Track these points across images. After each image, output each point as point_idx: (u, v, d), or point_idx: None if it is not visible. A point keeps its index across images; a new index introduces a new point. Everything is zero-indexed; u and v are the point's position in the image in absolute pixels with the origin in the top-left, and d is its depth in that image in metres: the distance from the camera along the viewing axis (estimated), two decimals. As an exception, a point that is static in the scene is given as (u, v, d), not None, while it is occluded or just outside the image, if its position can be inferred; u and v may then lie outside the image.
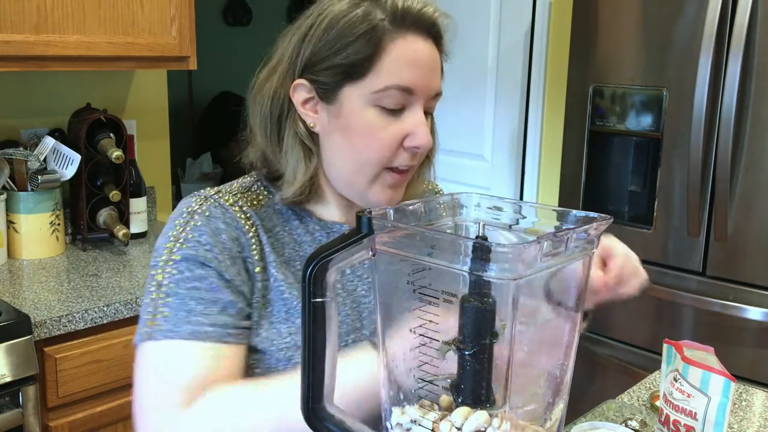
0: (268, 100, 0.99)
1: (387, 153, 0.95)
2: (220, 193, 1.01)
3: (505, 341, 0.65)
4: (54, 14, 1.84)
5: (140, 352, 0.94)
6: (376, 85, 0.93)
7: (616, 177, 2.30)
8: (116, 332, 1.74)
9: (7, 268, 1.96)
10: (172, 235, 0.96)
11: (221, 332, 0.92)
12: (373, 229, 0.70)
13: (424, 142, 0.95)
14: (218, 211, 0.97)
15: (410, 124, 0.95)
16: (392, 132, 0.94)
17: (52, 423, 1.67)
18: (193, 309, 0.91)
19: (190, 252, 0.93)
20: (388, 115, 0.94)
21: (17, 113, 2.16)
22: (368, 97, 0.93)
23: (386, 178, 0.97)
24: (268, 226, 1.00)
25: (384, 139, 0.94)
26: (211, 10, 5.00)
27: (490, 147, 2.96)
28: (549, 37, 2.73)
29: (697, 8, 2.01)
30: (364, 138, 0.95)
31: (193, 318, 0.91)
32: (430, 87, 0.96)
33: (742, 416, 1.27)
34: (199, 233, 0.95)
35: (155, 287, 0.94)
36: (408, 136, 0.95)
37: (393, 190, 0.99)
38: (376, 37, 0.92)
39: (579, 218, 0.73)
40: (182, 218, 0.97)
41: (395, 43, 0.93)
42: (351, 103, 0.94)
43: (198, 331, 0.91)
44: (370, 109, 0.94)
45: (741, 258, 2.01)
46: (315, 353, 0.72)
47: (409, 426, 0.70)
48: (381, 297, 0.73)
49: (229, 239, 0.95)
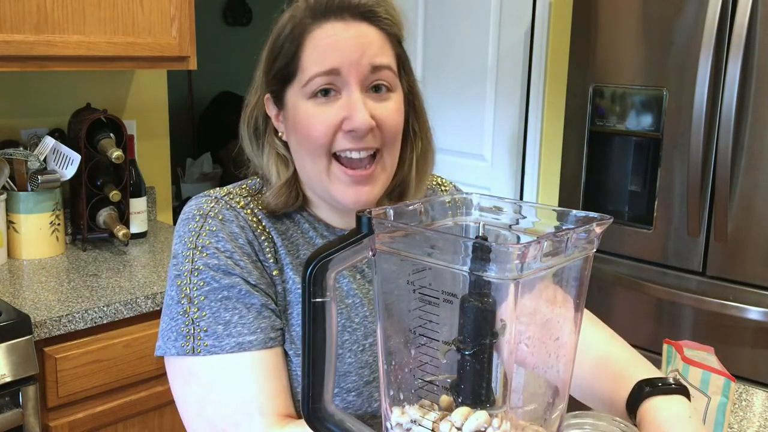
0: (250, 117, 1.03)
1: (324, 138, 0.94)
2: (231, 195, 1.01)
3: (505, 341, 0.65)
4: (54, 14, 1.84)
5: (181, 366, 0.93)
6: (303, 78, 0.94)
7: (616, 177, 2.30)
8: (116, 332, 1.74)
9: (7, 268, 1.96)
10: (188, 241, 0.95)
11: (263, 338, 0.92)
12: (373, 229, 0.70)
13: (359, 122, 0.92)
14: (231, 215, 0.97)
15: (344, 107, 0.93)
16: (326, 117, 0.94)
17: (52, 423, 1.67)
18: (229, 320, 0.91)
19: (212, 261, 0.93)
20: (322, 104, 0.94)
21: (17, 113, 2.16)
22: (301, 93, 0.95)
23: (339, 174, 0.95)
24: (281, 229, 1.00)
25: (318, 125, 0.94)
26: (211, 10, 5.00)
27: (490, 147, 2.96)
28: (549, 37, 2.73)
29: (697, 8, 2.01)
30: (303, 130, 0.95)
31: (232, 330, 0.91)
32: (357, 63, 0.93)
33: (742, 416, 1.27)
34: (216, 239, 0.94)
35: (186, 301, 0.93)
36: (344, 119, 0.94)
37: (356, 188, 0.96)
38: (297, 35, 0.95)
39: (579, 218, 0.73)
40: (195, 222, 0.96)
41: (313, 34, 0.94)
42: (292, 102, 0.97)
43: (242, 342, 0.90)
44: (306, 102, 0.95)
45: (741, 258, 2.01)
46: (315, 353, 0.72)
47: (409, 426, 0.70)
48: (381, 297, 0.73)
49: (245, 243, 0.96)
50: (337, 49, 0.93)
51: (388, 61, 0.96)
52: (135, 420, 1.80)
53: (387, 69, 0.96)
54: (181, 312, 0.93)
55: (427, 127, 1.08)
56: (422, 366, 0.70)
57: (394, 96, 0.98)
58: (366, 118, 0.92)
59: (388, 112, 0.96)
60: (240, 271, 0.93)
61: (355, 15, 0.95)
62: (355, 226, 0.71)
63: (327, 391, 0.74)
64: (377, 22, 0.96)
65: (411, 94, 1.04)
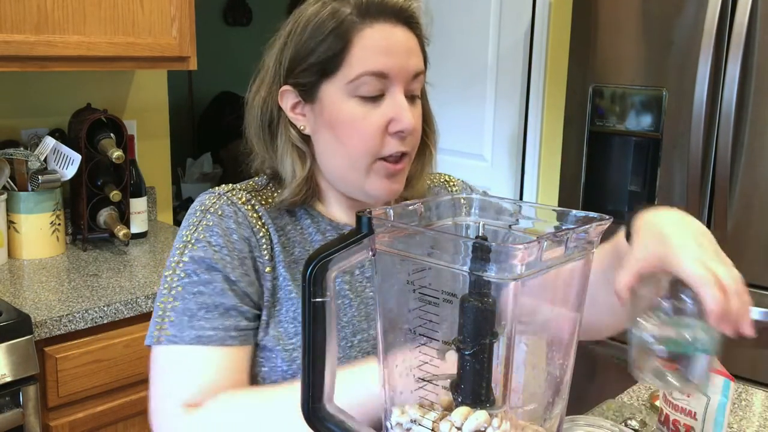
0: (259, 110, 1.02)
1: (372, 141, 0.95)
2: (234, 190, 1.02)
3: (505, 341, 0.65)
4: (54, 14, 1.84)
5: (151, 355, 0.97)
6: (350, 75, 0.94)
7: (616, 177, 2.30)
8: (116, 332, 1.74)
9: (8, 268, 1.96)
10: (185, 234, 0.98)
11: (223, 335, 0.93)
12: (373, 229, 0.70)
13: (407, 124, 0.94)
14: (230, 210, 0.99)
15: (391, 109, 0.95)
16: (374, 119, 0.95)
17: (53, 423, 1.67)
18: (195, 314, 0.94)
19: (199, 254, 0.95)
20: (367, 104, 0.95)
21: (17, 113, 2.16)
22: (345, 89, 0.95)
23: (380, 169, 0.97)
24: (279, 225, 1.02)
25: (367, 128, 0.95)
26: (211, 10, 5.00)
27: (490, 147, 2.96)
28: (549, 37, 2.73)
29: (697, 8, 2.01)
30: (347, 130, 0.96)
31: (195, 323, 0.93)
32: (405, 69, 0.95)
33: (742, 416, 1.27)
34: (210, 233, 0.96)
35: (166, 290, 0.97)
36: (391, 121, 0.95)
37: (390, 180, 0.98)
38: (344, 31, 0.94)
39: (579, 218, 0.73)
40: (196, 216, 0.99)
41: (363, 33, 0.94)
42: (330, 98, 0.96)
43: (201, 336, 0.93)
44: (349, 100, 0.95)
45: (741, 258, 1.99)
46: (315, 353, 0.72)
47: (409, 426, 0.70)
48: (381, 297, 0.74)
49: (239, 239, 0.97)
50: (387, 51, 0.94)
51: (423, 68, 0.99)
52: (135, 420, 1.80)
53: (422, 75, 0.99)
54: (160, 302, 0.97)
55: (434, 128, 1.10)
56: (422, 366, 0.70)
57: (420, 102, 1.01)
58: (413, 122, 0.95)
59: (418, 117, 0.99)
60: (223, 266, 0.95)
61: (400, 19, 0.97)
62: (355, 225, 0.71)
63: (327, 391, 0.74)
64: (416, 29, 0.99)
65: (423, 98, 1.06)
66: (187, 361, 0.93)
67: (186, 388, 0.91)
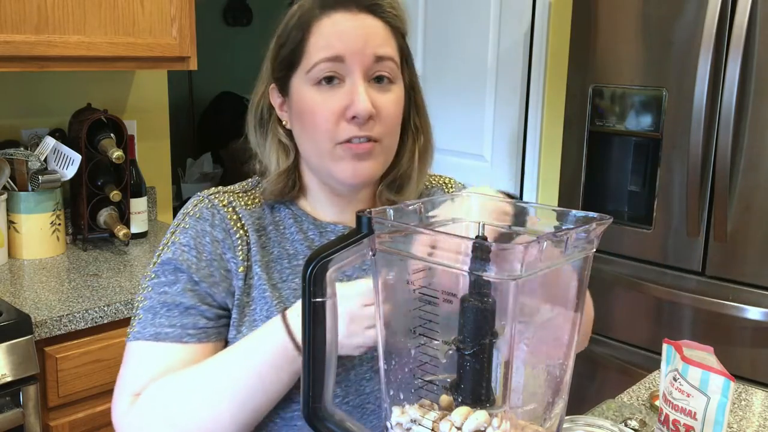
0: (257, 109, 1.06)
1: (330, 126, 0.96)
2: (219, 193, 1.06)
3: (505, 341, 0.65)
4: (54, 14, 1.84)
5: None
6: (308, 64, 0.97)
7: (615, 177, 2.30)
8: (117, 332, 1.74)
9: (8, 268, 1.96)
10: (166, 236, 1.04)
11: (180, 333, 0.97)
12: (373, 229, 0.70)
13: (360, 109, 0.94)
14: (209, 213, 1.02)
15: (347, 95, 0.96)
16: (331, 104, 0.96)
17: (53, 423, 1.67)
18: (158, 312, 0.98)
19: (169, 255, 1.00)
20: (326, 91, 0.97)
21: (18, 113, 2.16)
22: (305, 79, 0.97)
23: (345, 152, 0.98)
24: (261, 225, 1.04)
25: (324, 113, 0.96)
26: (211, 10, 5.00)
27: (490, 147, 2.96)
28: (549, 37, 2.73)
29: (697, 8, 2.01)
30: (309, 117, 0.98)
31: (156, 320, 0.97)
32: (362, 52, 0.96)
33: (742, 416, 1.27)
34: (184, 236, 1.01)
35: (141, 290, 1.01)
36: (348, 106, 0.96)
37: (356, 161, 0.98)
38: (303, 23, 0.97)
39: (578, 218, 0.73)
40: (178, 219, 1.04)
41: (320, 23, 0.97)
42: (296, 89, 0.99)
43: (159, 332, 0.97)
44: (310, 89, 0.97)
45: (740, 258, 2.01)
46: (315, 353, 0.73)
47: (409, 426, 0.70)
48: (381, 297, 0.74)
49: (211, 241, 1.00)
50: (342, 37, 0.96)
51: (392, 52, 0.99)
52: (135, 420, 1.80)
53: (390, 60, 0.98)
54: (136, 301, 1.02)
55: (428, 123, 1.10)
56: (422, 366, 0.70)
57: (395, 88, 1.00)
58: (367, 105, 0.95)
59: (389, 103, 0.99)
60: (188, 267, 0.98)
61: (361, 7, 0.98)
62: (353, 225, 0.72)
63: (327, 390, 0.74)
64: (382, 15, 0.99)
65: (412, 90, 1.07)
66: (143, 356, 0.97)
67: (137, 380, 0.96)
